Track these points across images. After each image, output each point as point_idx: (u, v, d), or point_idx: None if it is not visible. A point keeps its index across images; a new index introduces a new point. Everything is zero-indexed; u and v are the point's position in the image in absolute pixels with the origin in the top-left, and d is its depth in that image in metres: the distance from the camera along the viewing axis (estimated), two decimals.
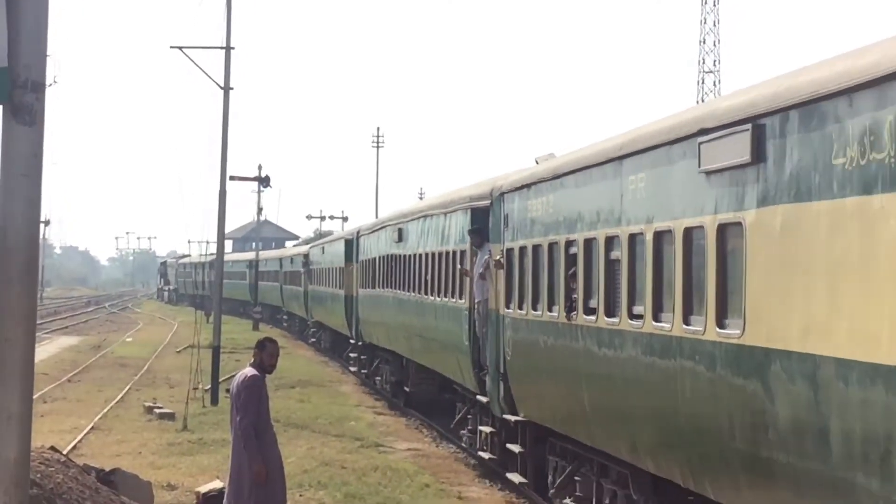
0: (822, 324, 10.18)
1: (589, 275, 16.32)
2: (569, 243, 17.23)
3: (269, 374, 14.96)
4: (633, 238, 14.75)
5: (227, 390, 34.57)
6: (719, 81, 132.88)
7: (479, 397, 23.56)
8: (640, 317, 14.37)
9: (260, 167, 72.64)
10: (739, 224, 11.73)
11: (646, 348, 14.27)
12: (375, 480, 21.55)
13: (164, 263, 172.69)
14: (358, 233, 44.58)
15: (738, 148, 11.73)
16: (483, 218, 23.22)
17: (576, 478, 18.02)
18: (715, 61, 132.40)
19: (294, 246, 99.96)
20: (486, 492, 22.52)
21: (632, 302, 14.71)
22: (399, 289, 32.99)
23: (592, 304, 16.10)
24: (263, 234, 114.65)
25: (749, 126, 11.49)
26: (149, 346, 58.88)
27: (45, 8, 3.81)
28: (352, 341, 44.68)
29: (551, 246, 18.06)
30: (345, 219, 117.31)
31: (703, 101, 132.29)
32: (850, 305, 9.69)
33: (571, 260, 17.09)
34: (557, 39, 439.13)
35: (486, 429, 23.17)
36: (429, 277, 28.71)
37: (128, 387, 38.66)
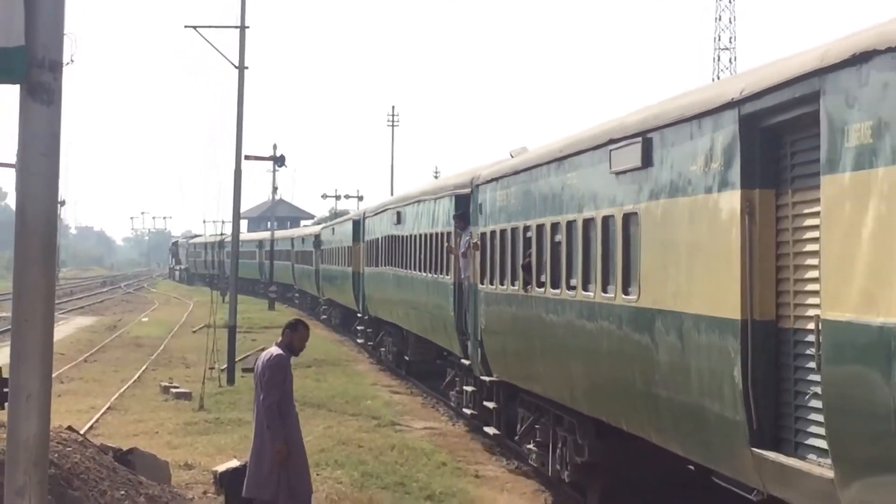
0: (684, 289, 14.01)
1: (540, 254, 20.00)
2: (525, 228, 21.03)
3: (295, 356, 15.16)
4: (569, 224, 18.42)
5: (245, 370, 34.82)
6: (735, 59, 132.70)
7: (463, 361, 26.90)
8: (574, 288, 18.02)
9: (275, 146, 72.50)
10: (636, 214, 15.39)
11: (578, 313, 17.95)
12: (392, 459, 21.61)
13: (175, 243, 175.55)
14: (364, 214, 48.00)
15: (633, 155, 15.48)
16: (466, 204, 26.61)
17: (536, 426, 21.33)
18: (731, 38, 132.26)
19: (310, 225, 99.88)
20: (503, 470, 22.60)
21: (569, 276, 18.45)
22: (398, 266, 36.54)
23: (542, 278, 19.80)
24: (278, 213, 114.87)
25: (640, 139, 15.25)
26: (164, 326, 59.02)
27: None
28: (359, 315, 48.17)
29: (513, 230, 21.85)
30: (360, 198, 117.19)
31: (718, 77, 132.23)
32: (700, 275, 13.58)
33: (527, 242, 20.83)
34: (575, 17, 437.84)
35: (469, 388, 26.45)
36: (422, 256, 32.29)
37: (144, 367, 38.82)
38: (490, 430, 24.57)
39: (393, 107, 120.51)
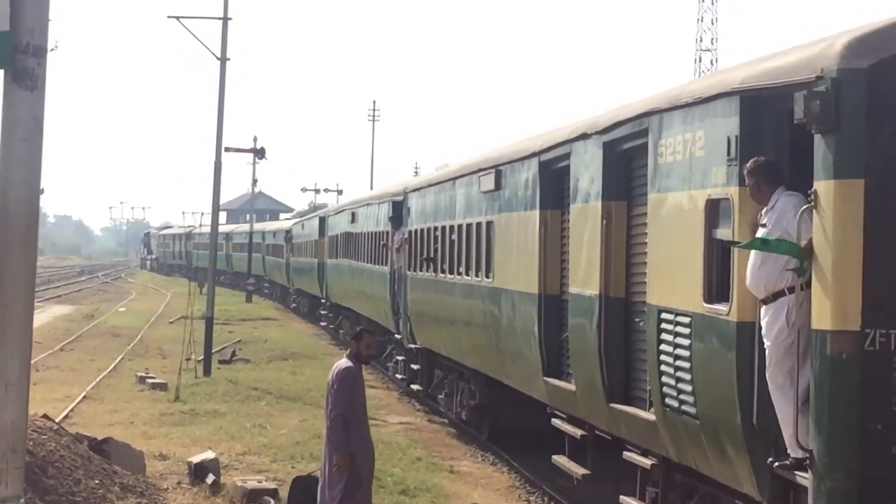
0: (513, 274, 20.32)
1: (442, 248, 26.40)
2: (434, 229, 27.43)
3: (365, 364, 15.32)
4: (458, 227, 24.79)
5: (221, 361, 34.73)
6: (716, 60, 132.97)
7: (395, 335, 33.20)
8: (460, 273, 24.59)
9: (255, 139, 72.59)
10: (492, 222, 21.93)
11: (461, 292, 24.57)
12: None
13: (147, 234, 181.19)
14: (327, 213, 54.32)
15: (490, 181, 21.90)
16: (399, 208, 32.48)
17: (444, 381, 28.37)
18: (712, 39, 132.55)
19: (290, 218, 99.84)
20: (478, 466, 22.65)
21: (458, 265, 24.72)
22: (353, 259, 42.64)
23: (444, 266, 26.08)
24: (258, 206, 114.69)
25: (493, 170, 21.75)
26: (142, 317, 58.92)
27: None
28: (323, 301, 54.31)
29: (428, 230, 28.12)
30: (340, 192, 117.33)
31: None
32: (520, 265, 19.79)
33: (435, 239, 27.16)
34: (557, 14, 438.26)
35: (400, 357, 32.82)
36: (368, 250, 38.72)
37: (120, 356, 38.72)
38: (415, 387, 31.02)
39: (374, 101, 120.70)
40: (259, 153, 70.18)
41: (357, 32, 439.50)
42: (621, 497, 15.18)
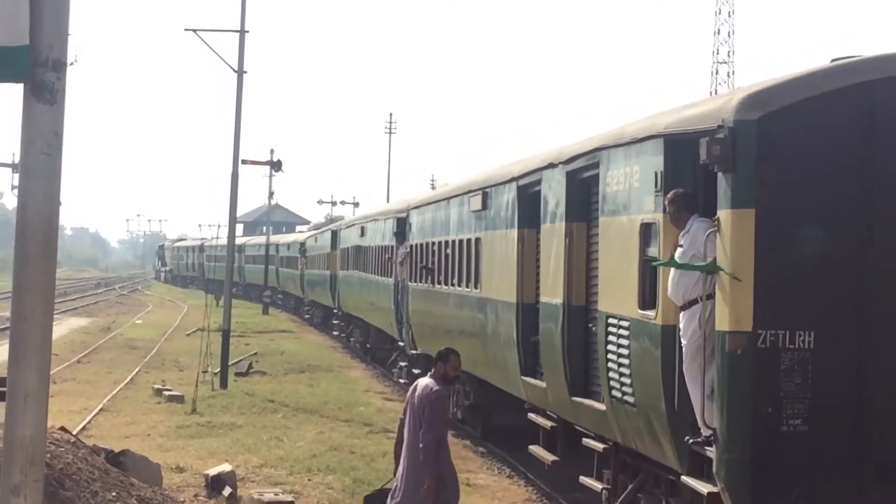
0: (497, 285, 22.60)
1: (438, 262, 28.73)
2: (431, 244, 29.91)
3: (452, 385, 16.11)
4: (452, 243, 27.17)
5: (238, 374, 34.72)
6: (733, 73, 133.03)
7: (399, 343, 36.06)
8: (454, 285, 26.88)
9: (272, 151, 72.91)
10: (480, 239, 24.28)
11: (454, 302, 27.15)
12: (384, 466, 21.57)
13: (161, 247, 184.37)
14: (339, 227, 56.72)
15: (478, 202, 24.18)
16: (403, 224, 34.91)
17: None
18: (729, 52, 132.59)
19: (305, 230, 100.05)
20: (494, 479, 22.62)
21: (452, 277, 27.09)
22: (361, 270, 44.79)
23: (439, 278, 28.48)
24: (274, 218, 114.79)
25: (481, 192, 24.06)
26: (158, 329, 59.01)
27: None
28: (335, 311, 56.51)
29: (427, 244, 30.56)
30: (356, 204, 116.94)
31: (716, 91, 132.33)
32: (502, 277, 22.04)
33: (432, 253, 29.51)
34: (573, 27, 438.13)
35: (403, 363, 35.65)
36: (376, 262, 41.05)
37: (137, 369, 38.78)
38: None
39: (391, 114, 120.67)
40: (275, 165, 70.47)
41: (374, 45, 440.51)
42: (581, 477, 18.22)
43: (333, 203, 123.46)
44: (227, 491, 17.09)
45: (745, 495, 13.11)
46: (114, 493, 15.21)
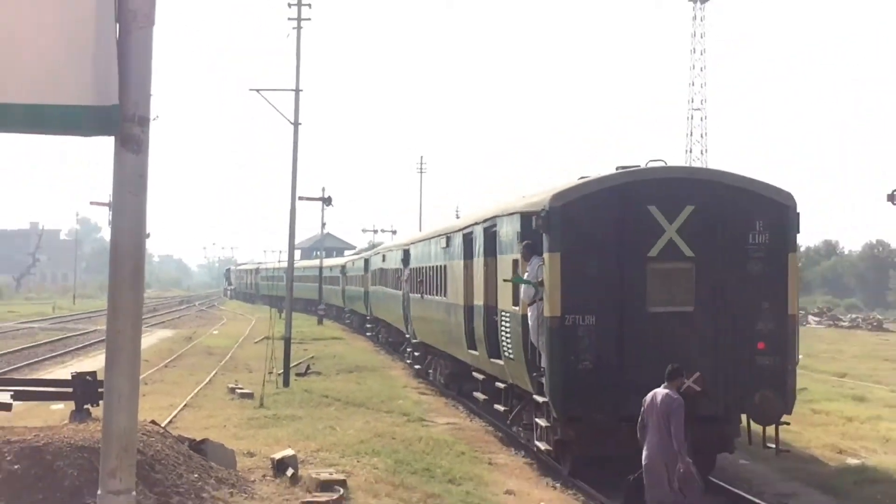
0: (453, 294, 28.45)
1: (426, 281, 34.23)
2: (421, 268, 35.79)
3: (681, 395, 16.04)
4: (432, 268, 33.07)
5: (297, 374, 34.68)
6: (705, 117, 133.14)
7: (406, 335, 41.93)
8: (437, 294, 31.68)
9: (323, 189, 73.24)
10: (446, 265, 29.94)
11: (434, 305, 32.39)
12: (420, 449, 21.60)
13: (228, 270, 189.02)
14: (369, 256, 60.97)
15: (445, 242, 29.83)
16: (407, 254, 39.79)
17: (430, 359, 37.18)
18: (702, 100, 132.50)
19: (351, 255, 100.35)
20: (512, 459, 22.61)
21: (436, 291, 31.89)
22: (385, 286, 49.16)
23: (428, 291, 33.74)
24: (326, 244, 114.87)
25: (446, 236, 29.87)
26: (231, 338, 59.11)
27: (150, 53, 3.82)
28: (367, 317, 61.16)
29: (419, 268, 36.29)
30: (393, 231, 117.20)
31: (692, 133, 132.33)
32: (455, 289, 27.97)
33: (422, 274, 35.30)
34: (575, 73, 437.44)
35: (410, 349, 40.88)
36: (392, 280, 46.07)
37: (214, 371, 38.86)
38: (416, 365, 39.49)
39: (421, 157, 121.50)
40: (326, 201, 70.76)
41: (408, 98, 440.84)
42: (495, 405, 25.60)
43: (375, 231, 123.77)
44: (289, 472, 17.07)
45: (559, 402, 19.47)
46: (196, 475, 15.22)
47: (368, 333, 60.66)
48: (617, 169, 20.56)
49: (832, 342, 66.13)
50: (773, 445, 19.66)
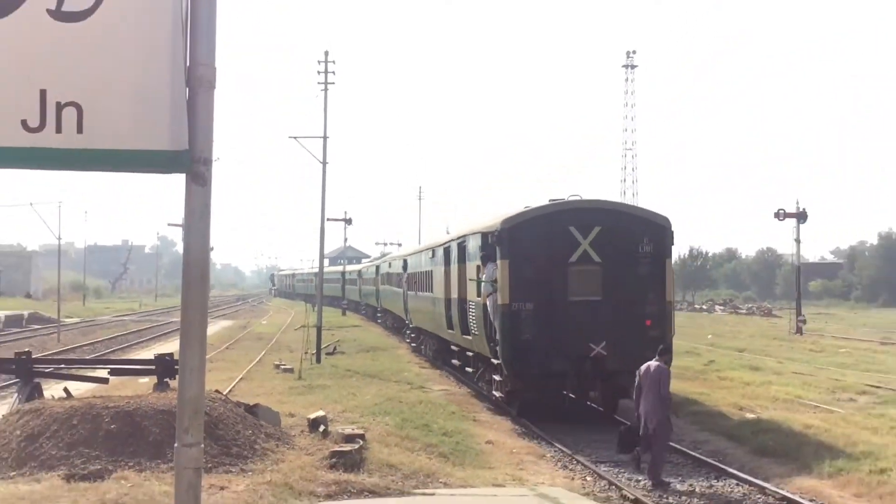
0: (437, 290, 29.91)
1: (419, 281, 35.71)
2: (415, 273, 37.08)
3: (668, 364, 16.67)
4: (423, 272, 34.15)
5: (327, 353, 34.61)
6: (635, 156, 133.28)
7: (406, 322, 42.24)
8: (426, 291, 32.96)
9: (346, 212, 72.84)
10: (432, 270, 31.22)
11: (425, 299, 33.38)
12: (420, 409, 21.56)
13: (272, 274, 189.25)
14: (380, 263, 61.32)
15: (431, 253, 31.45)
16: (405, 263, 40.73)
17: (423, 340, 37.48)
18: (633, 142, 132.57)
19: (367, 262, 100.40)
20: (491, 417, 22.57)
21: (425, 288, 33.15)
22: (391, 285, 49.96)
23: (420, 289, 35.11)
24: (348, 254, 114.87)
25: (431, 249, 31.83)
26: (276, 327, 59.05)
27: (212, 110, 3.83)
28: (378, 309, 61.30)
29: (414, 273, 37.49)
30: (399, 244, 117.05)
31: (625, 167, 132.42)
32: (438, 286, 29.51)
33: (414, 276, 37.18)
34: (544, 119, 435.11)
35: (408, 332, 41.94)
36: (395, 281, 46.34)
37: (263, 352, 38.79)
38: (412, 345, 40.34)
39: (420, 187, 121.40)
40: (348, 221, 70.46)
41: (412, 138, 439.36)
42: (466, 368, 27.20)
43: (385, 244, 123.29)
44: (321, 428, 17.02)
45: (508, 363, 21.41)
46: (250, 431, 15.19)
47: (379, 321, 60.40)
48: (549, 201, 22.86)
49: (733, 325, 66.17)
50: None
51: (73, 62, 3.73)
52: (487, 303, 22.13)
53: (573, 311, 21.16)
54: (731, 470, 16.59)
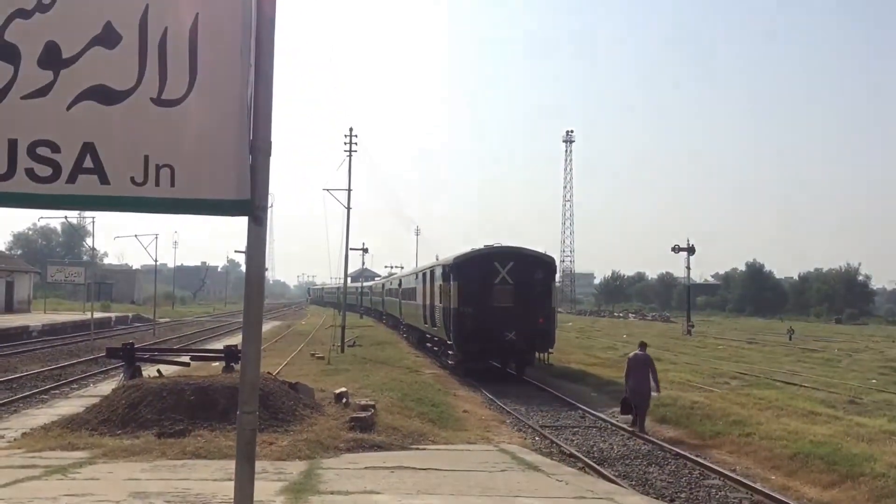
0: (419, 298, 32.59)
1: (408, 294, 37.16)
2: (406, 288, 38.56)
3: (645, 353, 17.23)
4: (411, 288, 35.87)
5: (349, 345, 34.39)
6: (572, 213, 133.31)
7: (400, 321, 44.41)
8: (413, 300, 35.00)
9: (363, 243, 72.88)
10: (416, 287, 33.76)
11: (413, 305, 34.79)
12: (416, 387, 21.43)
13: (308, 288, 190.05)
14: (385, 282, 63.28)
15: (416, 275, 35.19)
16: (399, 280, 44.58)
17: (411, 333, 38.34)
18: (570, 198, 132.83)
19: (378, 280, 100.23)
20: (467, 391, 22.50)
21: (412, 298, 35.14)
22: (392, 297, 51.40)
23: (409, 298, 37.05)
24: (365, 274, 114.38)
25: (418, 272, 34.66)
26: (313, 326, 58.55)
27: (268, 168, 3.84)
28: (383, 313, 61.43)
29: (406, 288, 38.83)
30: (401, 267, 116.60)
31: (565, 215, 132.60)
32: (420, 296, 32.42)
33: (407, 290, 38.06)
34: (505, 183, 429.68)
35: (402, 327, 43.20)
36: (394, 293, 48.53)
37: (302, 345, 38.45)
38: (405, 336, 40.99)
39: (417, 226, 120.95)
40: (365, 250, 70.52)
41: (405, 179, 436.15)
42: (427, 344, 31.72)
43: (391, 266, 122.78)
44: (344, 400, 16.88)
45: (457, 344, 25.04)
46: (292, 402, 15.03)
47: (384, 321, 60.66)
48: (484, 246, 27.94)
49: (642, 328, 66.07)
50: (547, 362, 26.54)
51: (169, 135, 3.81)
52: (446, 307, 26.46)
53: (496, 312, 25.14)
54: (638, 433, 16.55)
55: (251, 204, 3.79)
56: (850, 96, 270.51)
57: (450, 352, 26.74)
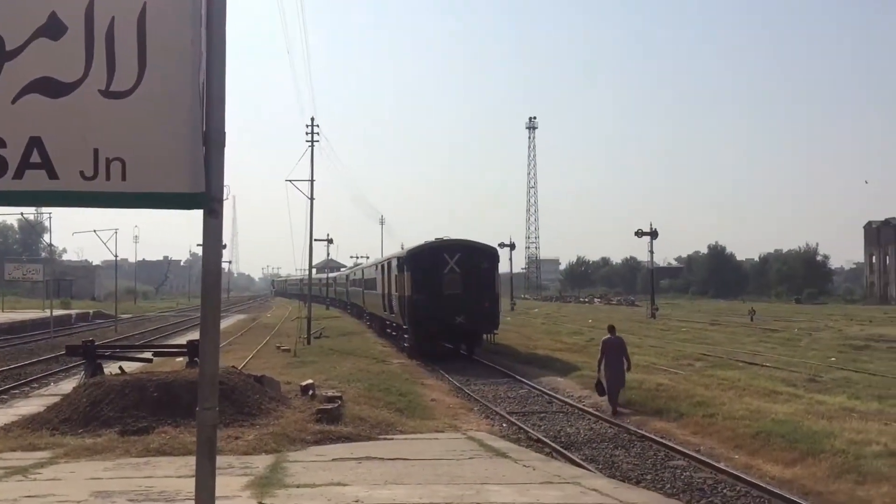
0: (379, 288, 34.77)
1: (370, 284, 38.50)
2: (368, 278, 40.18)
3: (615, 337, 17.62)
4: (372, 278, 37.27)
5: (315, 336, 34.22)
6: (537, 200, 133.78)
7: (364, 310, 45.00)
8: (374, 290, 36.08)
9: (328, 234, 72.30)
10: (375, 277, 35.88)
11: (374, 294, 36.26)
12: (383, 378, 21.41)
13: (273, 281, 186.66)
14: (349, 273, 64.31)
15: (376, 266, 37.67)
16: (361, 271, 46.57)
17: (373, 321, 39.74)
18: (535, 185, 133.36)
19: (343, 271, 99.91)
20: (434, 381, 22.50)
21: (373, 287, 36.29)
22: (356, 287, 52.72)
23: (370, 288, 38.26)
24: (331, 265, 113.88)
25: (377, 263, 37.17)
26: (278, 318, 58.19)
27: (223, 161, 3.78)
28: (348, 303, 61.76)
29: (368, 278, 40.33)
30: (367, 257, 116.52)
31: (529, 202, 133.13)
32: (381, 286, 34.40)
33: (369, 280, 39.09)
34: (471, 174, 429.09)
35: (365, 316, 44.49)
36: (358, 283, 50.07)
37: (268, 337, 38.22)
38: (368, 324, 42.48)
39: (381, 215, 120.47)
40: (329, 241, 70.03)
41: (372, 175, 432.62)
42: (389, 331, 33.47)
43: (357, 257, 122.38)
44: (310, 392, 16.82)
45: (412, 328, 26.79)
46: (257, 396, 14.92)
47: (349, 311, 60.89)
48: (435, 239, 28.89)
49: (607, 313, 66.68)
50: (492, 342, 28.75)
51: (118, 128, 3.74)
52: (401, 294, 28.25)
53: (446, 299, 26.86)
54: (605, 417, 16.73)
55: (206, 197, 3.73)
56: (808, 80, 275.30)
57: (406, 335, 28.72)
